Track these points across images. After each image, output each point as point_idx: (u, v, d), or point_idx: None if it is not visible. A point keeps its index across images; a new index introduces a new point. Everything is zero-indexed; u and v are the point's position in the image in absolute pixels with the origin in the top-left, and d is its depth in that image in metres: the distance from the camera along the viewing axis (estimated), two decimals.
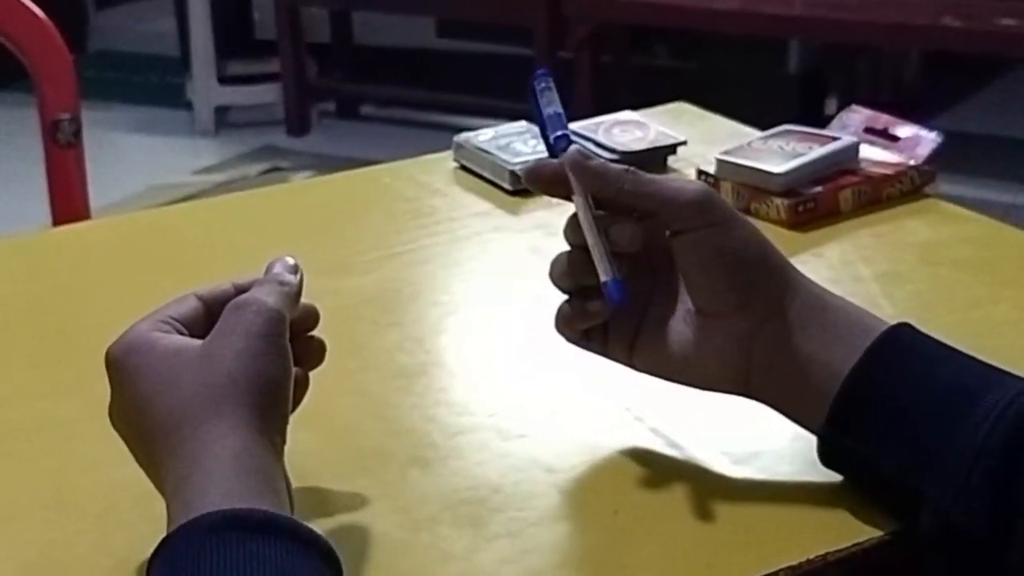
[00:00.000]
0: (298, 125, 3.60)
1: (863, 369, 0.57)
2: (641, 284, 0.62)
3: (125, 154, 3.42)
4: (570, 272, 0.62)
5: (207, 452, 0.51)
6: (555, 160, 0.62)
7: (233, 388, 0.53)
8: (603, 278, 0.60)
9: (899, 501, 0.57)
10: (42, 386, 0.72)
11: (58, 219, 1.36)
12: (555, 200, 0.63)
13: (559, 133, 0.63)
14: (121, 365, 0.55)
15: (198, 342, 0.55)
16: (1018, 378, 0.56)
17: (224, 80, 3.62)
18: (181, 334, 0.56)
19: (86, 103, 1.46)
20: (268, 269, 0.59)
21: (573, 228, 0.62)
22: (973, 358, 0.58)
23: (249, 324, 0.54)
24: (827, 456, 0.59)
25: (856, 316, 0.60)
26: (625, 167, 0.61)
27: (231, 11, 3.69)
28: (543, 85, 0.65)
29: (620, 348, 0.63)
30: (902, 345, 0.58)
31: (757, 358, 0.60)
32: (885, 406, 0.57)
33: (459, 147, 1.01)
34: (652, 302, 0.62)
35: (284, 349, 0.55)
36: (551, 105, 0.64)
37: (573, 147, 0.62)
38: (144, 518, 0.57)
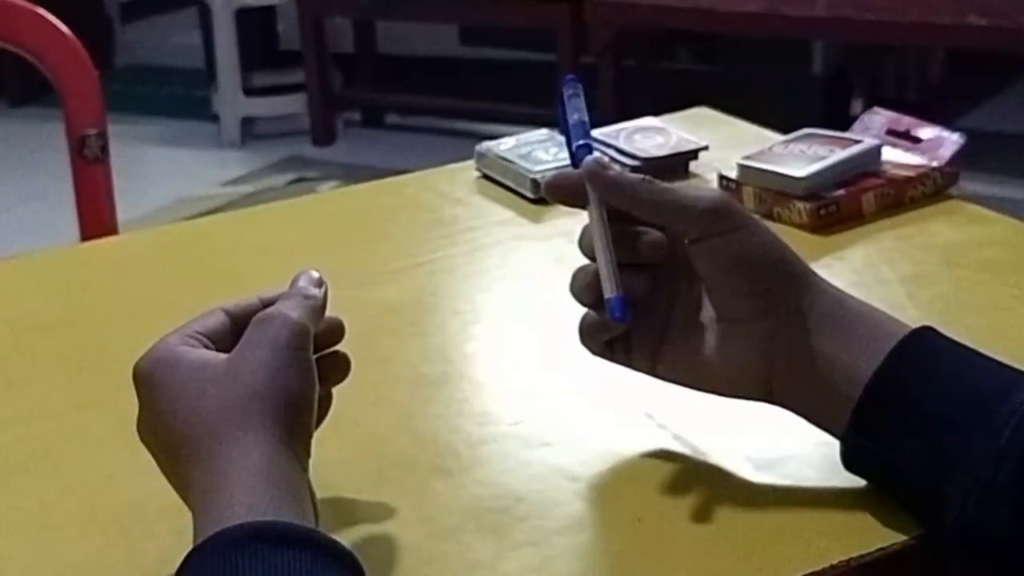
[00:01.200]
0: (324, 135, 3.62)
1: (886, 373, 0.57)
2: (662, 293, 0.62)
3: (152, 167, 3.44)
4: (590, 285, 0.62)
5: (232, 465, 0.52)
6: (575, 171, 0.62)
7: (258, 401, 0.53)
8: (607, 295, 0.60)
9: (922, 504, 0.56)
10: (70, 400, 0.73)
11: (86, 234, 1.37)
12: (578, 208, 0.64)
13: (581, 142, 0.63)
14: (148, 379, 0.56)
15: (224, 356, 0.56)
16: None
17: (250, 92, 3.64)
18: (208, 348, 0.57)
19: (113, 117, 1.48)
20: (293, 283, 0.59)
21: (588, 241, 0.62)
22: (995, 360, 0.58)
23: (274, 337, 0.55)
24: (850, 460, 0.59)
25: (877, 320, 0.60)
26: (642, 176, 0.61)
27: (256, 23, 3.71)
28: (571, 91, 0.65)
29: (643, 358, 0.63)
30: (924, 348, 0.58)
31: (778, 363, 0.60)
32: (908, 409, 0.56)
33: (481, 156, 1.01)
34: (673, 311, 0.62)
35: (309, 362, 0.56)
36: (577, 113, 0.64)
37: (591, 156, 0.62)
38: (172, 531, 0.58)
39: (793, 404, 0.61)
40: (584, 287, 0.62)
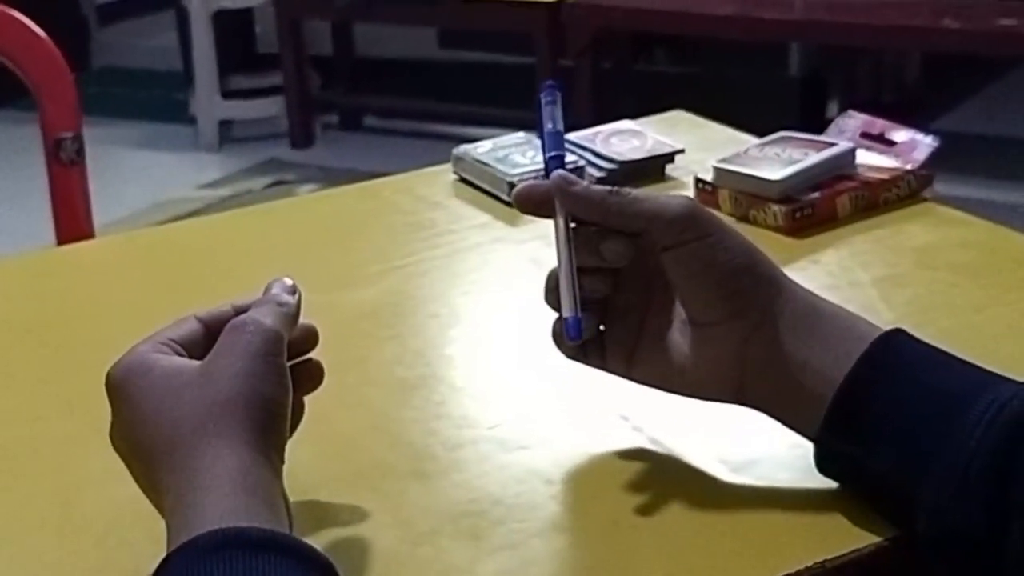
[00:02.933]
0: (302, 138, 3.61)
1: (858, 375, 0.57)
2: (637, 298, 0.63)
3: (129, 170, 3.43)
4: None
5: (205, 471, 0.52)
6: (544, 182, 0.62)
7: (231, 407, 0.53)
8: (564, 314, 0.60)
9: (896, 505, 0.57)
10: (45, 404, 0.73)
11: (62, 237, 1.36)
12: None
13: (553, 153, 0.63)
14: (120, 386, 0.56)
15: (197, 363, 0.56)
16: (1012, 381, 0.56)
17: (227, 94, 3.63)
18: (180, 355, 0.57)
19: (89, 119, 1.47)
20: (266, 290, 0.59)
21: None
22: (966, 362, 0.58)
23: (247, 344, 0.55)
24: (823, 462, 0.59)
25: (849, 322, 0.60)
26: (609, 188, 0.62)
27: (233, 25, 3.70)
28: (548, 99, 0.65)
29: (618, 362, 0.63)
30: (896, 351, 0.58)
31: (751, 366, 0.60)
32: (880, 411, 0.57)
33: (458, 159, 1.01)
34: (647, 315, 0.63)
35: (282, 368, 0.56)
36: (551, 122, 0.64)
37: (557, 172, 0.62)
38: (147, 537, 0.58)
39: (766, 407, 0.61)
40: (552, 292, 0.63)
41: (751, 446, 0.64)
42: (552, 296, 0.62)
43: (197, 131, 3.65)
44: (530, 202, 0.63)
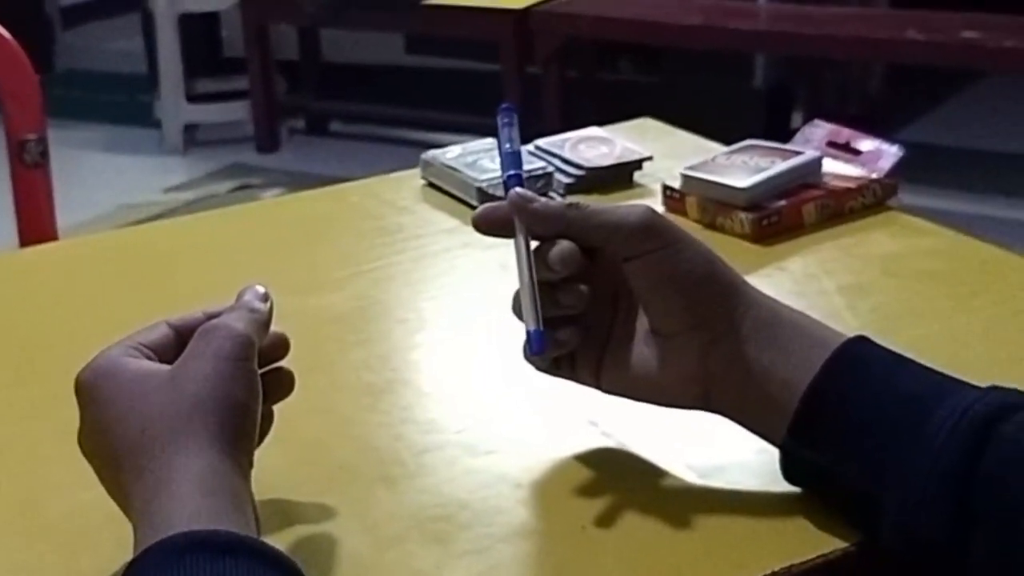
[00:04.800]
0: (267, 142, 3.60)
1: (821, 383, 0.58)
2: (603, 310, 0.63)
3: (93, 173, 3.40)
4: None
5: (174, 474, 0.51)
6: (503, 203, 0.63)
7: (200, 410, 0.53)
8: (528, 327, 0.61)
9: (860, 511, 0.57)
10: (10, 409, 0.72)
11: (25, 240, 1.35)
12: None
13: (511, 172, 0.64)
14: (89, 390, 0.55)
15: (166, 367, 0.56)
16: (973, 387, 0.57)
17: (192, 98, 3.62)
18: (151, 360, 0.57)
19: (53, 122, 1.46)
20: (239, 297, 0.59)
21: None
22: (929, 368, 0.58)
23: (217, 348, 0.55)
24: (789, 469, 0.60)
25: (812, 329, 0.60)
26: (567, 202, 0.62)
27: (199, 29, 3.68)
28: (505, 120, 0.66)
29: (587, 373, 0.64)
30: (859, 358, 0.59)
31: (715, 375, 0.60)
32: (844, 419, 0.57)
33: (427, 164, 1.01)
34: (613, 326, 0.63)
35: (252, 373, 0.56)
36: (509, 143, 0.65)
37: (514, 190, 0.62)
38: (113, 540, 0.57)
39: (732, 414, 0.61)
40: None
41: (719, 451, 0.64)
42: (518, 311, 0.63)
43: (162, 135, 3.63)
44: (491, 223, 0.63)
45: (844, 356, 0.58)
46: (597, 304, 0.63)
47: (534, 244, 0.62)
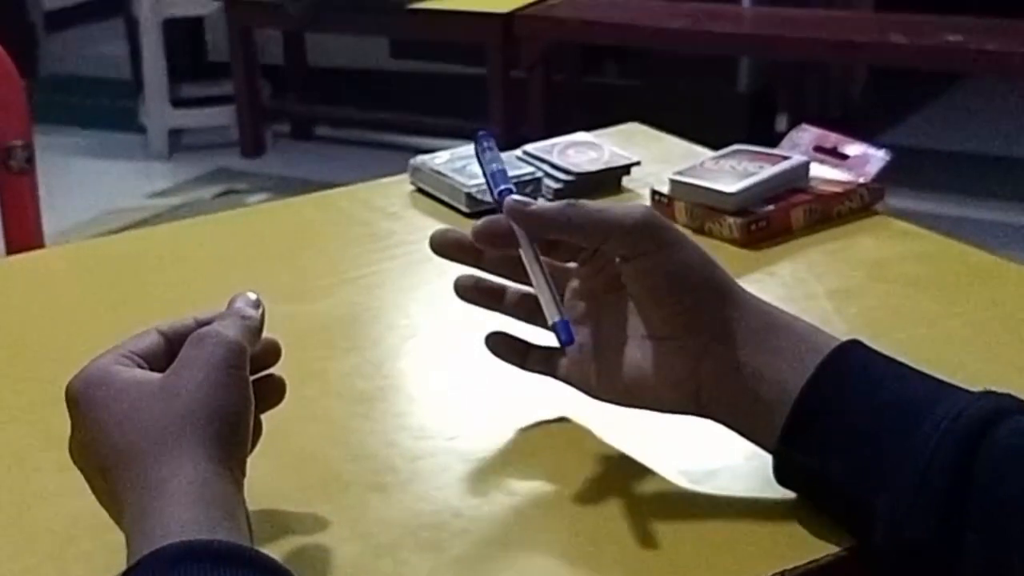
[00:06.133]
0: (252, 147, 3.60)
1: (814, 388, 0.58)
2: (595, 314, 0.63)
3: (78, 179, 3.39)
4: (520, 303, 0.67)
5: (167, 483, 0.51)
6: (502, 215, 0.63)
7: (193, 419, 0.53)
8: (552, 320, 0.61)
9: (853, 516, 0.57)
10: None
11: (11, 247, 1.35)
12: None
13: (502, 187, 0.65)
14: (81, 398, 0.55)
15: (158, 375, 0.55)
16: (966, 391, 0.57)
17: (177, 103, 3.61)
18: (142, 368, 0.56)
19: (37, 128, 1.45)
20: (230, 304, 0.59)
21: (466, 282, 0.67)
22: (922, 373, 0.59)
23: (209, 356, 0.55)
24: (782, 473, 0.60)
25: (805, 334, 0.61)
26: (566, 201, 0.62)
27: (184, 33, 3.68)
28: (484, 145, 0.68)
29: (582, 380, 0.64)
30: (851, 363, 0.59)
31: (708, 379, 0.61)
32: (836, 423, 0.57)
33: (415, 170, 1.01)
34: (606, 331, 0.63)
35: (244, 381, 0.55)
36: (494, 163, 0.67)
37: (510, 197, 0.63)
38: (103, 549, 0.57)
39: (725, 419, 0.62)
40: (515, 305, 0.65)
41: (711, 457, 0.64)
42: (518, 310, 0.64)
43: (147, 140, 3.63)
44: (492, 236, 0.63)
45: (837, 360, 0.58)
46: (590, 310, 0.63)
47: None
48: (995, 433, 0.53)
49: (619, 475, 0.64)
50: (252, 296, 0.60)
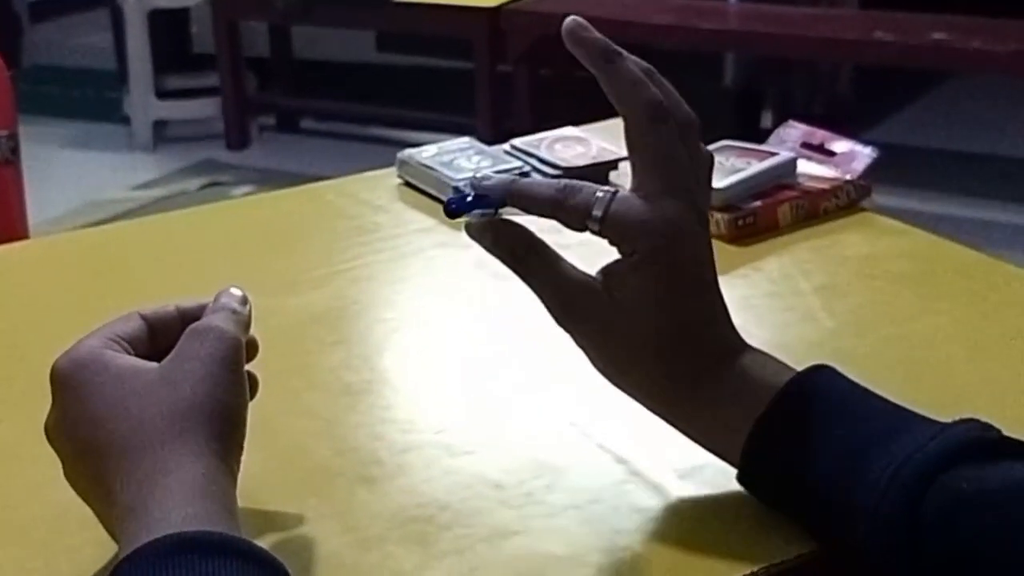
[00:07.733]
0: (237, 139, 3.59)
1: (759, 435, 0.58)
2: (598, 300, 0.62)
3: (62, 170, 3.38)
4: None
5: (169, 476, 0.51)
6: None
7: (196, 413, 0.53)
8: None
9: (827, 529, 0.57)
10: None
11: None
12: None
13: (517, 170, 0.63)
14: (70, 380, 0.54)
15: (154, 365, 0.55)
16: (916, 426, 0.55)
17: (162, 94, 3.59)
18: (130, 354, 0.56)
19: (21, 118, 1.45)
20: (216, 299, 0.59)
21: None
22: (873, 405, 0.57)
23: (211, 351, 0.55)
24: (749, 488, 0.60)
25: (759, 373, 0.59)
26: (615, 49, 0.62)
27: (169, 25, 3.66)
28: (466, 191, 0.65)
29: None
30: (805, 396, 0.58)
31: (671, 401, 0.61)
32: (783, 470, 0.57)
33: (403, 163, 1.01)
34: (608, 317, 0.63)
35: (243, 377, 0.56)
36: (474, 190, 0.64)
37: (503, 176, 0.62)
38: (90, 542, 0.57)
39: (688, 435, 0.61)
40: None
41: (697, 452, 0.64)
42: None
43: (131, 131, 3.61)
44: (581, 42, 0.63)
45: (782, 403, 0.57)
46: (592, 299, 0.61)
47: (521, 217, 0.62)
48: (943, 479, 0.52)
49: (605, 469, 0.64)
50: (238, 292, 0.59)
